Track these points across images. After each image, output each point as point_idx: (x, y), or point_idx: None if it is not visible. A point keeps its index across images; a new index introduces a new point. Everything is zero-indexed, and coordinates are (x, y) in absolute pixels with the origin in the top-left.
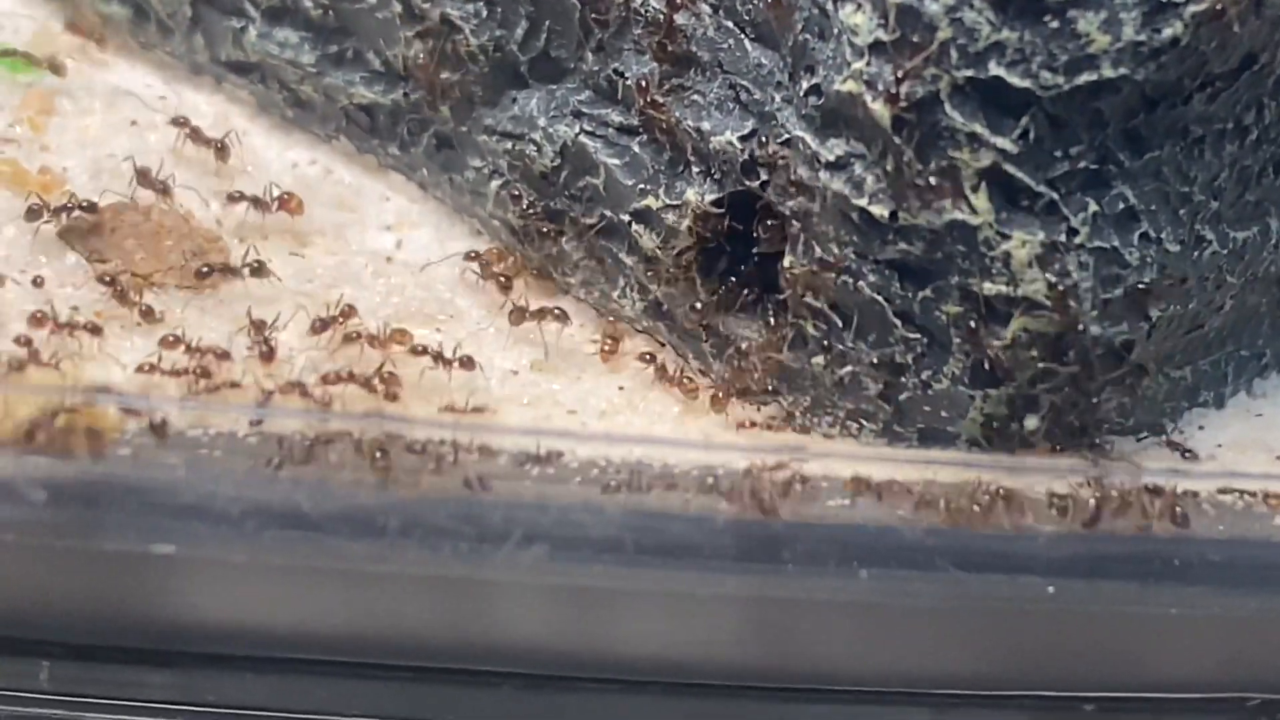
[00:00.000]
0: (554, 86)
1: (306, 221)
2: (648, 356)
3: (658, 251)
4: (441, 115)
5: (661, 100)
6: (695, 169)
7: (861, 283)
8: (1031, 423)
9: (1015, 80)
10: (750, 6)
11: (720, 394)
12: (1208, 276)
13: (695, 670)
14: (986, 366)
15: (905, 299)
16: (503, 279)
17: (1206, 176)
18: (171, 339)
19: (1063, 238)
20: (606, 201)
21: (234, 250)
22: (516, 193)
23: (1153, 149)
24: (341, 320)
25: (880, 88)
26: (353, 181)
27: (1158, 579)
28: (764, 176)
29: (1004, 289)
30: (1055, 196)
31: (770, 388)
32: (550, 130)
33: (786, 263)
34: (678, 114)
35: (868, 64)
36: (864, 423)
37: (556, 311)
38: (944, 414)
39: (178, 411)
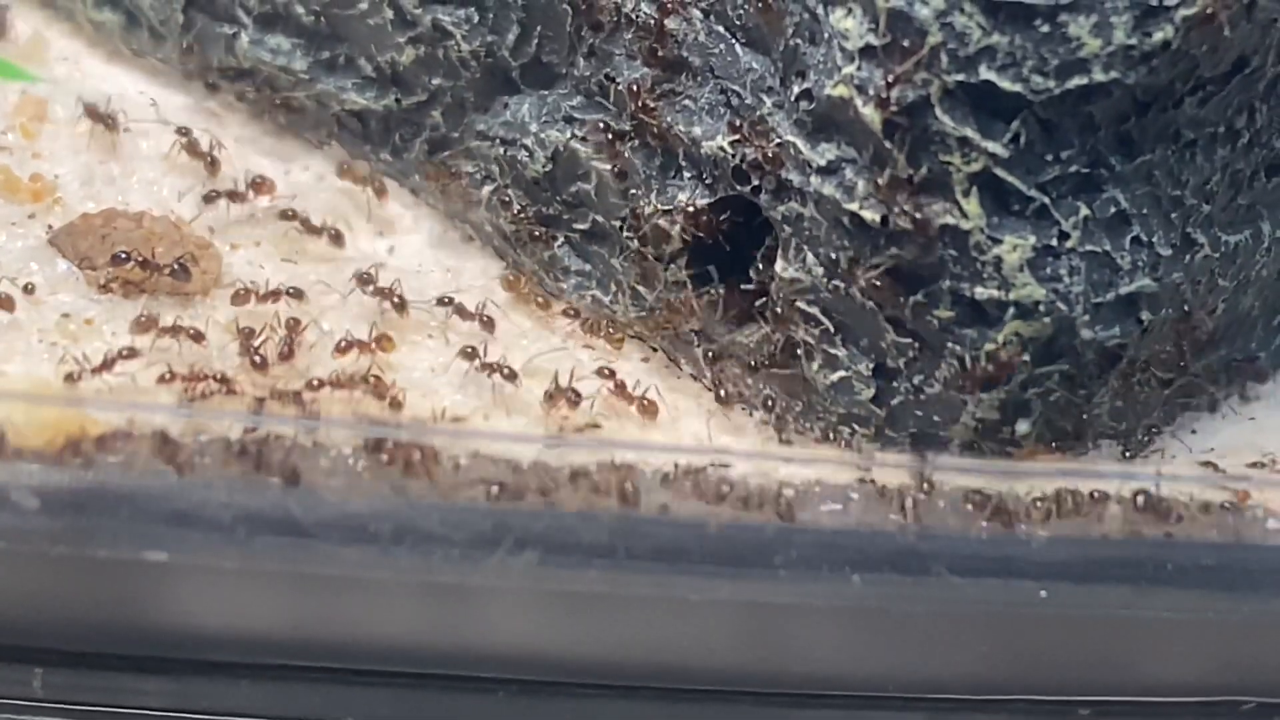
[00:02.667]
0: (545, 92)
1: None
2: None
3: (650, 257)
4: (433, 120)
5: (653, 105)
6: (687, 174)
7: (853, 287)
8: (1023, 427)
9: (1006, 84)
10: (741, 11)
11: None
12: (1200, 280)
13: (690, 675)
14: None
15: (897, 304)
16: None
17: (1198, 180)
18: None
19: (1054, 242)
20: (598, 206)
21: (225, 255)
22: (507, 198)
23: (1144, 152)
24: (290, 335)
25: (871, 92)
26: (345, 187)
27: (1151, 583)
28: (755, 181)
29: (996, 293)
30: (1046, 200)
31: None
32: (542, 135)
33: (779, 267)
34: (669, 119)
35: (858, 68)
36: (856, 428)
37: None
38: (936, 418)
39: (171, 418)
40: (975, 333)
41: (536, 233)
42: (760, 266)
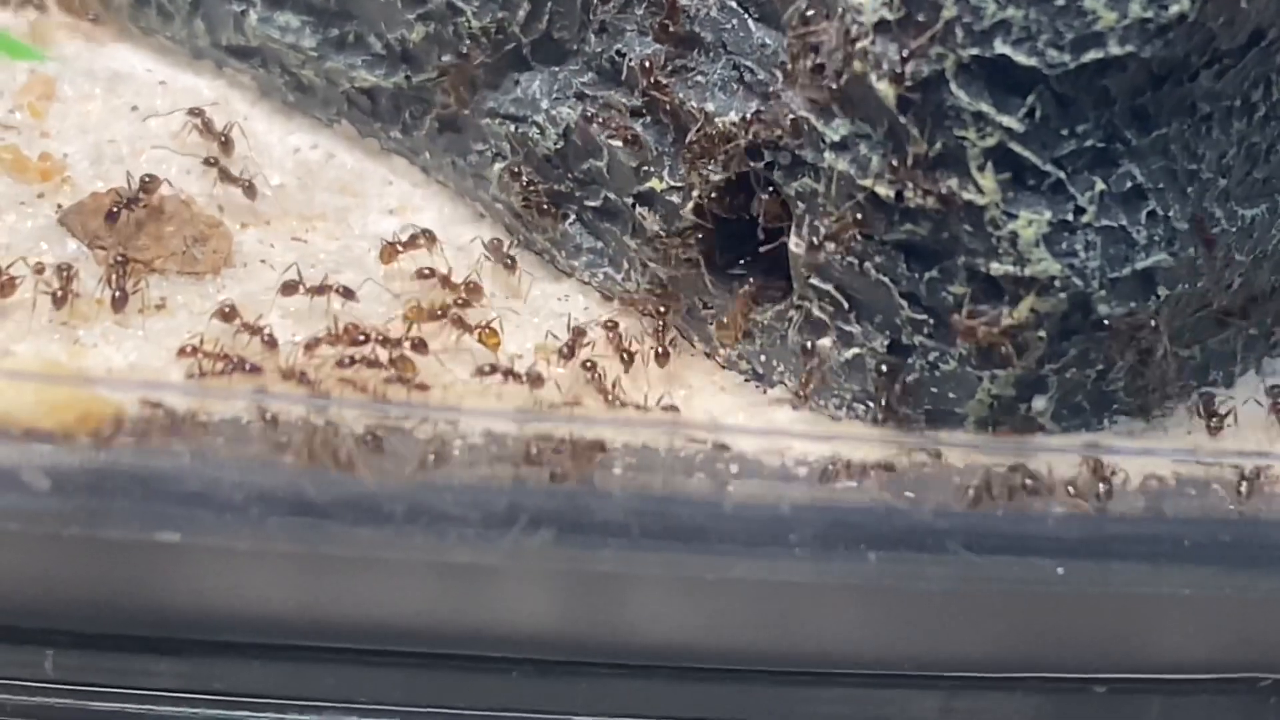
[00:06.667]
0: (556, 68)
1: (309, 206)
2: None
3: (662, 234)
4: (443, 98)
5: (665, 81)
6: (699, 150)
7: (867, 264)
8: (1040, 404)
9: (1021, 58)
10: None
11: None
12: (1216, 255)
13: (705, 654)
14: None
15: (912, 280)
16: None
17: (1214, 154)
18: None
19: (1070, 217)
20: (610, 184)
21: (235, 235)
22: (517, 170)
23: (1160, 127)
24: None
25: (885, 67)
26: (355, 166)
27: (1168, 559)
28: (769, 157)
29: (1011, 269)
30: (1062, 175)
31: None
32: (553, 112)
33: (792, 244)
34: (681, 95)
35: (873, 43)
36: (870, 404)
37: None
38: (951, 395)
39: (181, 397)
40: (991, 308)
41: (547, 208)
42: (773, 243)
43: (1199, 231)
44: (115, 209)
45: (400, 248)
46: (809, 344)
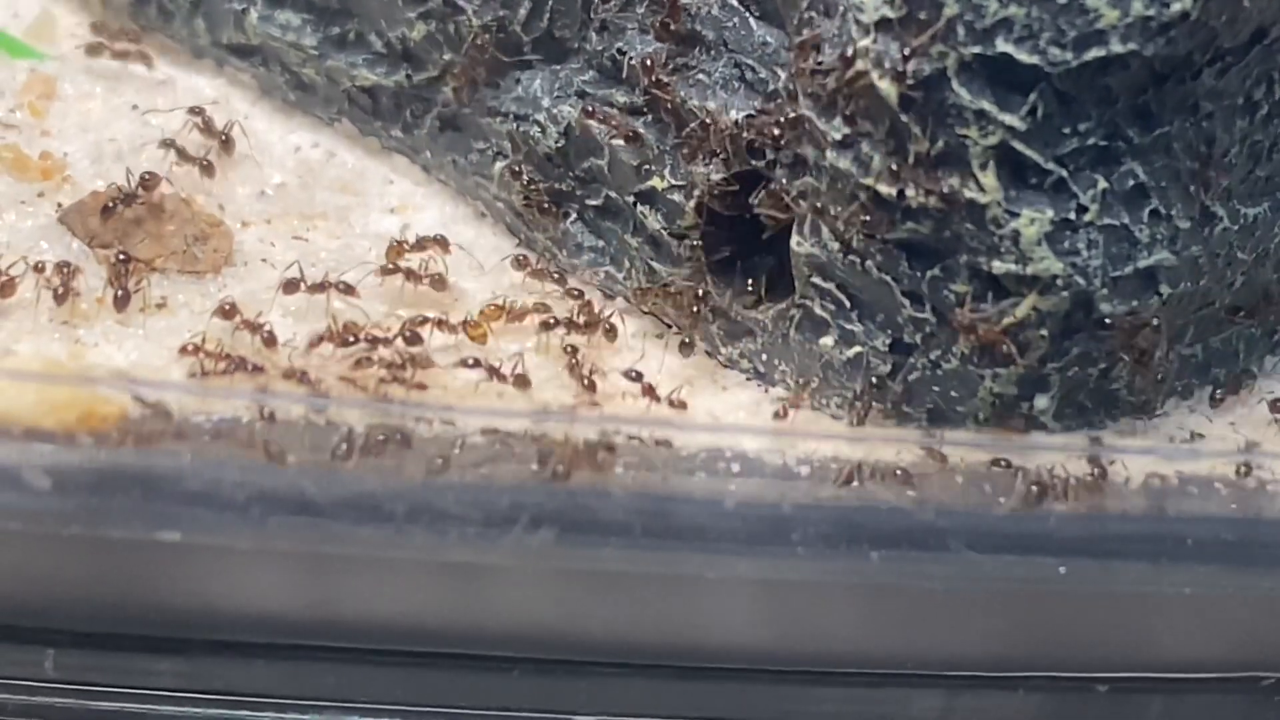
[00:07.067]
0: (558, 67)
1: (309, 204)
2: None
3: (663, 233)
4: (444, 96)
5: (666, 80)
6: (701, 149)
7: (869, 262)
8: (1042, 402)
9: (1023, 57)
10: None
11: None
12: (1218, 253)
13: (706, 654)
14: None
15: (913, 278)
16: None
17: (1217, 152)
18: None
19: (1072, 215)
20: (611, 182)
21: (236, 233)
22: (518, 169)
23: (1162, 125)
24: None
25: (887, 65)
26: (356, 164)
27: (1171, 559)
28: (770, 156)
29: (1013, 267)
30: (1064, 174)
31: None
32: (554, 111)
33: (794, 243)
34: (683, 94)
35: (874, 41)
36: (872, 403)
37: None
38: (953, 394)
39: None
40: (993, 307)
41: (548, 207)
42: (775, 242)
43: (1199, 180)
44: (111, 203)
45: (406, 247)
46: (809, 353)
